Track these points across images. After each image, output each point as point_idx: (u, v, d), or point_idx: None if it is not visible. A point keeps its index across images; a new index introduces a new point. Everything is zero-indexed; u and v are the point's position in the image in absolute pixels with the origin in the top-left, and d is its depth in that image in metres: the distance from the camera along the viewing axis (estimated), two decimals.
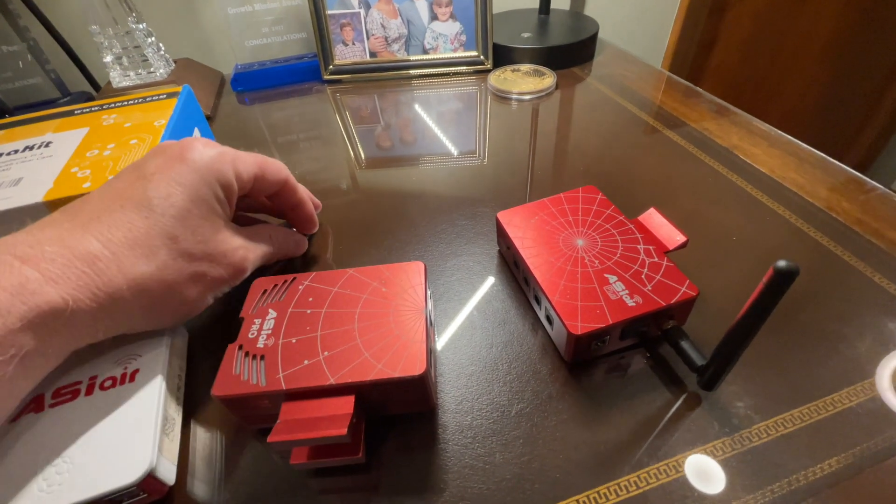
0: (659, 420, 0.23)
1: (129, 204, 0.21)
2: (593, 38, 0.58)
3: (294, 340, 0.22)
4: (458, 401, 0.24)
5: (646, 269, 0.25)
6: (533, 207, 0.30)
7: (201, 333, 0.28)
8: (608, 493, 0.20)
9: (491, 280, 0.30)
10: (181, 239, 0.22)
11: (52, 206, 0.29)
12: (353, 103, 0.54)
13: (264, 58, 0.59)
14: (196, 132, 0.40)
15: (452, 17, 0.55)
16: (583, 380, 0.24)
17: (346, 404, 0.19)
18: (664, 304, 0.23)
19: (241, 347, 0.21)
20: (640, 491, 0.20)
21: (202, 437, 0.23)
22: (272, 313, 0.23)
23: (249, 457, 0.22)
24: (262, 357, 0.21)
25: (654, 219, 0.28)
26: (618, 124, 0.45)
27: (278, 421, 0.19)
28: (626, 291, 0.24)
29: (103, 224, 0.20)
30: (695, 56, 0.91)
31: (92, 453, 0.19)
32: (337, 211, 0.37)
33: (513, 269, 0.30)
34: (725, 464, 0.21)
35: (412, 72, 0.57)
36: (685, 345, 0.23)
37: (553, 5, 0.64)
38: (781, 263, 0.16)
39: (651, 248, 0.26)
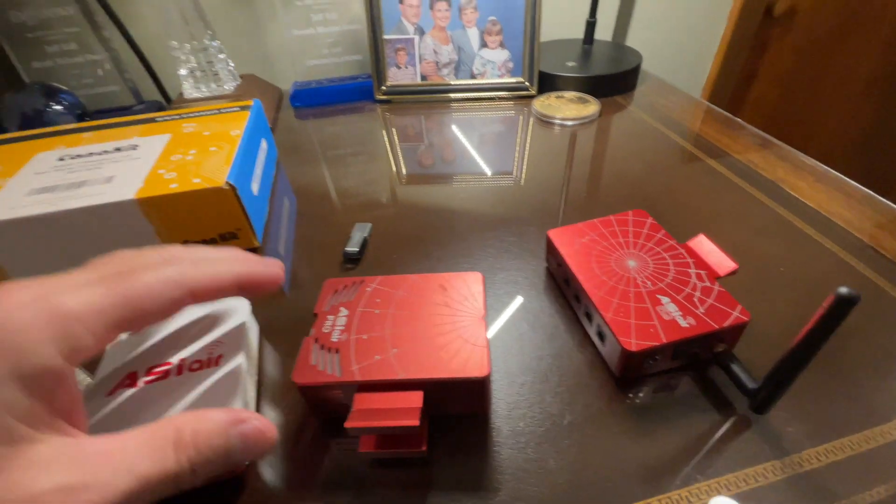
0: (708, 439, 0.23)
1: None
2: (636, 69, 0.60)
3: (365, 337, 0.23)
4: (510, 407, 0.25)
5: (698, 293, 0.26)
6: (583, 227, 0.31)
7: (268, 325, 0.30)
8: None
9: (539, 295, 0.31)
10: None
11: (143, 203, 0.32)
12: (401, 122, 0.56)
13: (321, 76, 0.63)
14: (263, 143, 0.43)
15: (502, 45, 0.58)
16: (632, 396, 0.25)
17: (416, 398, 0.21)
18: (717, 326, 0.24)
19: (317, 341, 0.23)
20: None
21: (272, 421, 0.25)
22: (343, 311, 0.25)
23: (313, 444, 0.24)
24: (337, 350, 0.22)
25: (703, 245, 0.29)
26: (661, 152, 0.47)
27: (353, 409, 0.20)
28: (679, 313, 0.25)
29: None
30: (734, 89, 0.91)
31: None
32: (384, 222, 0.39)
33: (562, 285, 0.31)
34: (774, 487, 0.21)
35: (459, 95, 0.60)
36: (736, 368, 0.24)
37: (596, 36, 0.66)
38: (843, 290, 0.17)
39: (702, 272, 0.27)
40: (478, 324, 0.24)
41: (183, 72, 0.53)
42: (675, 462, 0.22)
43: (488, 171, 0.46)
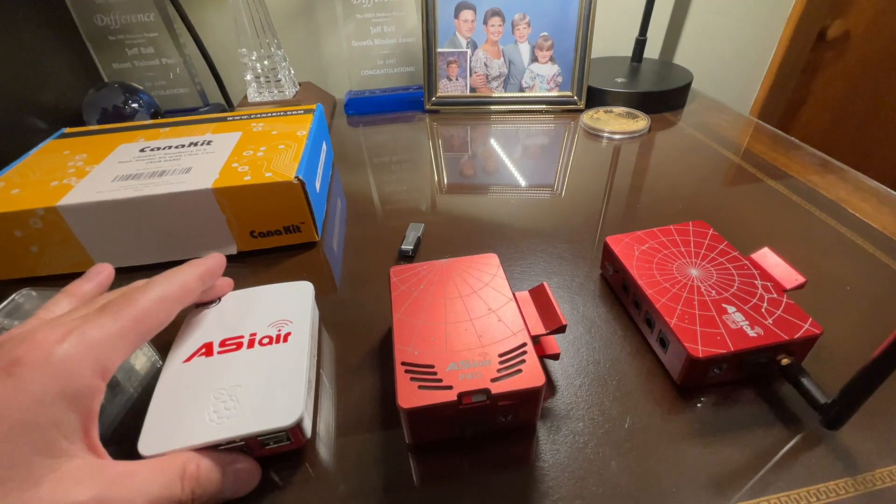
0: (774, 453, 0.23)
1: None
2: (686, 87, 0.60)
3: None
4: (568, 407, 0.25)
5: (765, 304, 0.25)
6: (642, 235, 0.31)
7: (325, 314, 0.31)
8: None
9: (594, 301, 0.32)
10: None
11: (218, 193, 0.34)
12: (447, 133, 0.58)
13: (374, 87, 0.65)
14: (323, 145, 0.45)
15: (552, 59, 0.59)
16: (694, 405, 0.25)
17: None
18: (787, 338, 0.23)
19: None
20: None
21: (326, 404, 0.26)
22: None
23: (362, 426, 0.24)
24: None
25: (768, 258, 0.28)
26: (714, 168, 0.46)
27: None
28: (746, 322, 0.24)
29: None
30: (783, 113, 0.90)
31: (253, 397, 0.22)
32: (435, 226, 0.40)
33: (619, 292, 0.31)
34: None
35: (507, 107, 0.61)
36: (807, 382, 0.23)
37: (645, 55, 0.66)
38: None
39: (769, 284, 0.27)
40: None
41: (248, 77, 0.56)
42: (742, 473, 0.22)
43: (535, 181, 0.46)
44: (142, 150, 0.39)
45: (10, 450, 0.16)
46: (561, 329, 0.24)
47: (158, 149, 0.39)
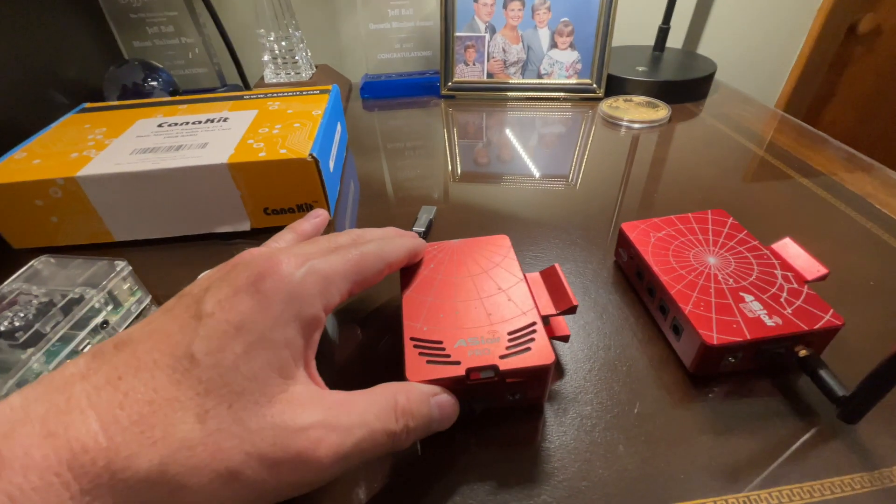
0: (789, 444, 0.22)
1: (164, 359, 0.15)
2: (710, 77, 0.59)
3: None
4: (576, 390, 0.25)
5: (785, 294, 0.25)
6: (658, 222, 0.31)
7: None
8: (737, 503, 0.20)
9: (607, 287, 0.31)
10: (211, 414, 0.15)
11: (233, 168, 0.34)
12: (462, 119, 0.57)
13: (390, 70, 0.65)
14: (338, 126, 0.45)
15: (571, 46, 0.58)
16: (706, 394, 0.24)
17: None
18: (806, 328, 0.23)
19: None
20: None
21: (328, 380, 0.26)
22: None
23: None
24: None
25: (789, 248, 0.28)
26: (736, 160, 0.45)
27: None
28: (765, 311, 0.24)
29: (118, 391, 0.15)
30: (809, 108, 0.87)
31: None
32: (447, 210, 0.40)
33: (633, 279, 0.30)
34: (860, 499, 0.20)
35: (525, 94, 0.60)
36: (825, 374, 0.23)
37: (667, 44, 0.65)
38: None
39: (789, 274, 0.26)
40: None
41: (266, 58, 0.56)
42: (754, 463, 0.21)
43: (551, 169, 0.46)
44: (160, 126, 0.39)
45: (252, 363, 0.16)
46: (571, 310, 0.24)
47: (176, 124, 0.40)
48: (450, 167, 0.47)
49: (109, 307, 0.28)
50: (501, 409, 0.24)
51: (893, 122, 0.98)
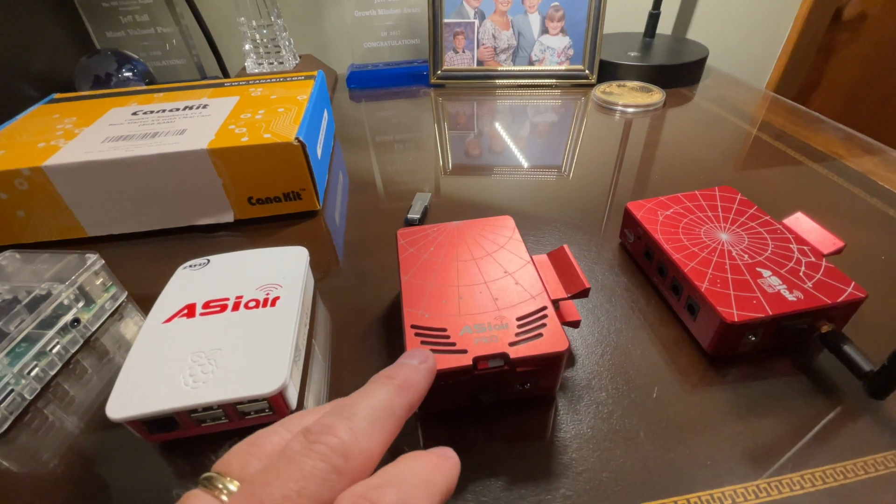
0: (815, 424, 0.21)
1: None
2: (702, 62, 0.58)
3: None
4: (589, 378, 0.23)
5: (803, 268, 0.24)
6: (665, 201, 0.30)
7: (323, 283, 0.29)
8: (769, 489, 0.19)
9: (613, 270, 0.30)
10: None
11: (214, 154, 0.32)
12: (453, 109, 0.55)
13: (376, 60, 0.63)
14: (325, 113, 0.43)
15: (563, 31, 0.57)
16: (725, 375, 0.23)
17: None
18: (830, 301, 0.22)
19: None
20: (805, 491, 0.19)
21: (317, 375, 0.24)
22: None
23: None
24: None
25: (802, 223, 0.26)
26: (735, 142, 0.44)
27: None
28: (784, 286, 0.23)
29: None
30: (796, 95, 0.87)
31: (234, 362, 0.21)
32: (444, 191, 0.38)
33: (640, 260, 0.29)
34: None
35: (516, 81, 0.59)
36: (849, 349, 0.21)
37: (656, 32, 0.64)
38: None
39: (805, 248, 0.25)
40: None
41: (247, 47, 0.54)
42: (781, 445, 0.20)
43: (546, 155, 0.44)
44: (134, 114, 0.37)
45: None
46: (584, 293, 0.22)
47: (151, 112, 0.37)
48: (441, 159, 0.45)
49: (80, 304, 0.26)
50: (511, 400, 0.22)
51: (879, 107, 0.99)
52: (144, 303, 0.29)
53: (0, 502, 0.20)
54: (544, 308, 0.21)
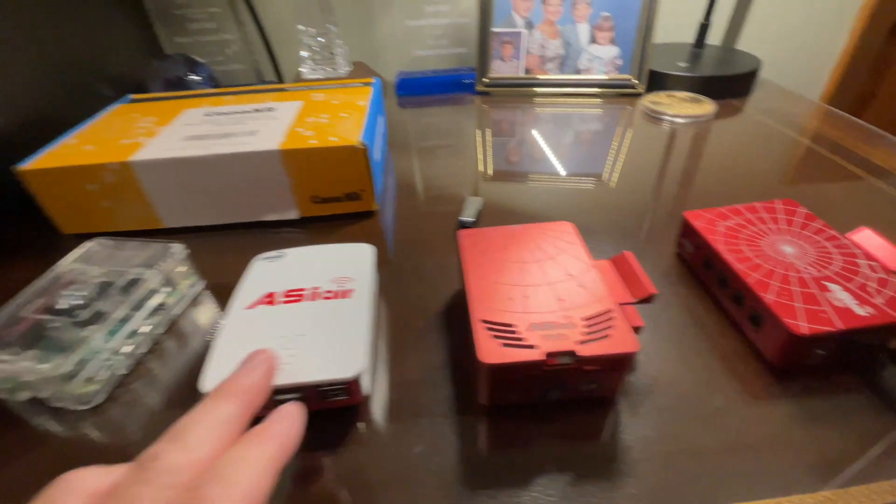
0: (884, 438, 0.21)
1: None
2: (753, 74, 0.57)
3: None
4: (649, 384, 0.24)
5: (873, 283, 0.23)
6: (725, 211, 0.30)
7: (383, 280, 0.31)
8: (835, 499, 0.19)
9: (670, 279, 0.30)
10: None
11: (284, 154, 0.33)
12: (497, 116, 0.56)
13: (424, 68, 0.65)
14: (380, 119, 0.45)
15: (612, 41, 0.57)
16: (789, 387, 0.23)
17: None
18: None
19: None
20: None
21: (382, 366, 0.25)
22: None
23: (425, 388, 0.24)
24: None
25: (870, 239, 0.26)
26: (791, 155, 0.44)
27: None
28: (855, 301, 0.22)
29: None
30: (848, 109, 0.85)
31: (315, 347, 0.22)
32: (496, 197, 0.39)
33: (699, 270, 0.29)
34: None
35: (562, 89, 0.59)
36: None
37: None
38: None
39: (874, 264, 0.24)
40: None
41: (304, 54, 0.57)
42: (849, 457, 0.20)
43: (593, 164, 0.44)
44: (206, 115, 0.40)
45: None
46: (650, 298, 0.23)
47: (223, 114, 0.40)
48: (482, 164, 0.46)
49: (167, 289, 0.28)
50: (574, 399, 0.23)
51: None
52: (217, 291, 0.31)
53: None
54: (610, 310, 0.22)
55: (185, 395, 0.24)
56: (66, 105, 0.45)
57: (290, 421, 0.17)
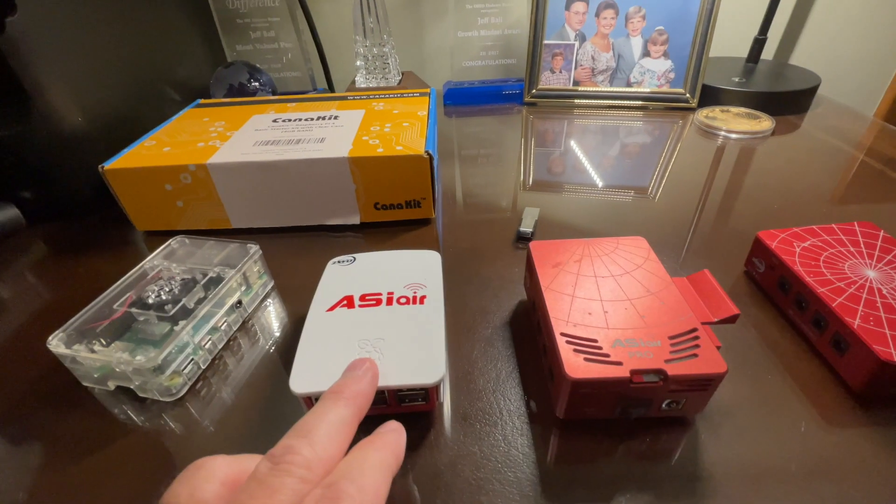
0: None
1: None
2: (813, 90, 0.56)
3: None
4: (727, 406, 0.23)
5: None
6: (800, 232, 0.29)
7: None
8: None
9: (741, 300, 0.29)
10: None
11: (353, 161, 0.34)
12: (542, 127, 0.56)
13: (472, 78, 0.66)
14: (436, 129, 0.46)
15: (665, 55, 0.57)
16: (874, 415, 0.22)
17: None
18: None
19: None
20: None
21: (451, 372, 0.25)
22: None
23: (489, 397, 0.24)
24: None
25: None
26: (856, 175, 0.42)
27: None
28: None
29: None
30: None
31: (395, 351, 0.22)
32: (552, 207, 0.39)
33: (773, 291, 0.29)
34: None
35: (612, 102, 0.59)
36: None
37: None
38: None
39: None
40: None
41: (359, 63, 0.58)
42: None
43: (646, 179, 0.44)
44: (274, 121, 0.41)
45: None
46: (732, 318, 0.23)
47: (290, 120, 0.41)
48: (528, 175, 0.46)
49: (243, 288, 0.29)
50: (654, 418, 0.22)
51: None
52: (285, 291, 0.32)
53: (179, 458, 0.23)
54: (695, 329, 0.21)
55: (260, 391, 0.25)
56: (141, 108, 0.47)
57: (398, 434, 0.18)
